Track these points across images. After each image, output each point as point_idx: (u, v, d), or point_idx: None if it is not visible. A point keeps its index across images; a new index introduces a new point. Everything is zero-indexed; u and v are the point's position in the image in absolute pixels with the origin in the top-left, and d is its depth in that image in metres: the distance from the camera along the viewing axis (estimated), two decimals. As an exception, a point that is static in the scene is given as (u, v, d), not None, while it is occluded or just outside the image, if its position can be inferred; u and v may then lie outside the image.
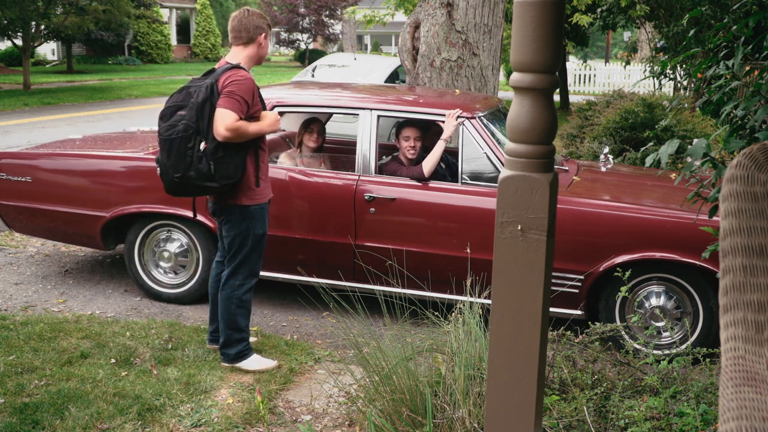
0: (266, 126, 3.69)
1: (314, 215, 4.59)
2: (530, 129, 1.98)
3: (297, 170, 4.67)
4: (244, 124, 3.56)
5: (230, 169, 3.59)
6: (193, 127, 3.54)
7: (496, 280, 2.09)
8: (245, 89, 3.57)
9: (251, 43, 3.74)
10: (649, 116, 7.90)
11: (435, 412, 2.87)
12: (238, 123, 3.52)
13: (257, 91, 3.69)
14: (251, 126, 3.61)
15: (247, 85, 3.59)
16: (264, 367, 3.89)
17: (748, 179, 1.32)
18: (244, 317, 3.87)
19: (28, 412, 3.34)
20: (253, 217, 3.76)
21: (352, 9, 15.17)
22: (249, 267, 3.84)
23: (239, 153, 3.63)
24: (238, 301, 3.82)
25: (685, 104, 8.66)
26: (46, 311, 4.73)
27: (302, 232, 4.59)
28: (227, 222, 3.77)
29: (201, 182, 3.57)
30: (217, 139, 3.53)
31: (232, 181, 3.61)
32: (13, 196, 5.06)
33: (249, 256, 3.82)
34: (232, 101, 3.51)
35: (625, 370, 3.22)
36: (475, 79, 6.58)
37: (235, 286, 3.82)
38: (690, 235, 3.96)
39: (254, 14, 3.77)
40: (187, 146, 3.54)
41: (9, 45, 26.41)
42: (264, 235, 3.85)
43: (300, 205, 4.61)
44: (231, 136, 3.52)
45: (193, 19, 39.70)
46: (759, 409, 1.16)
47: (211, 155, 3.54)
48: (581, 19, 11.49)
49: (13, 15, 18.63)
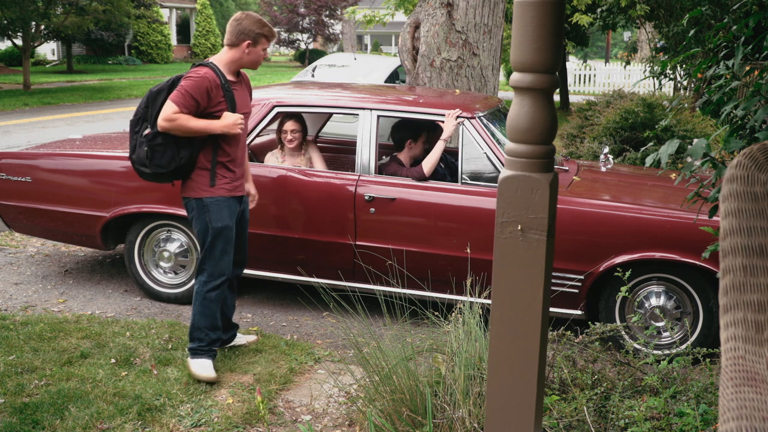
0: (218, 126, 3.64)
1: (314, 215, 4.59)
2: (530, 129, 1.98)
3: (297, 170, 4.67)
4: (183, 117, 3.57)
5: (164, 159, 3.64)
6: (140, 113, 3.75)
7: (496, 280, 2.09)
8: (195, 85, 3.59)
9: (234, 47, 3.72)
10: (649, 116, 7.90)
11: (435, 412, 2.87)
12: (176, 115, 3.56)
13: (217, 90, 3.64)
14: (192, 121, 3.59)
15: (199, 83, 3.59)
16: (202, 375, 3.71)
17: (748, 179, 1.32)
18: (205, 317, 3.78)
19: (28, 412, 3.34)
20: (209, 210, 3.73)
21: (352, 9, 15.17)
22: (213, 263, 3.78)
23: (183, 146, 3.65)
24: (202, 298, 3.78)
25: (685, 104, 8.66)
26: (46, 311, 4.72)
27: (302, 232, 4.59)
28: (191, 217, 3.83)
29: (138, 166, 3.75)
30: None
31: (163, 171, 3.66)
32: (13, 196, 5.06)
33: (210, 251, 3.77)
34: (178, 94, 3.58)
35: (625, 370, 3.22)
36: (475, 79, 6.58)
37: (201, 283, 3.79)
38: (690, 235, 3.96)
39: (248, 19, 3.74)
40: (134, 130, 3.77)
41: (9, 45, 26.42)
42: (223, 229, 3.76)
43: (300, 205, 4.61)
44: (167, 126, 3.58)
45: (193, 19, 39.70)
46: (759, 409, 1.16)
47: (148, 141, 3.65)
48: (581, 19, 11.48)
49: (13, 15, 18.64)
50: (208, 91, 3.61)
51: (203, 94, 3.60)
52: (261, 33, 3.73)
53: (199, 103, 3.61)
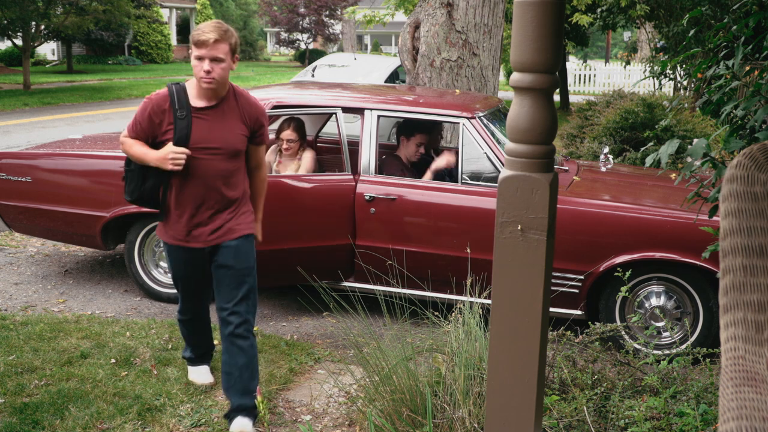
0: (152, 157, 3.15)
1: (314, 215, 4.58)
2: (530, 129, 1.98)
3: (294, 175, 4.68)
4: (129, 142, 3.23)
5: (130, 186, 3.28)
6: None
7: (496, 280, 2.09)
8: (139, 109, 3.23)
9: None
10: (649, 116, 7.90)
11: (435, 412, 2.87)
12: (123, 138, 3.25)
13: (163, 115, 3.16)
14: (134, 147, 3.20)
15: (143, 106, 3.22)
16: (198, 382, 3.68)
17: (748, 179, 1.32)
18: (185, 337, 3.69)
19: (28, 412, 3.34)
20: (165, 252, 3.41)
21: (352, 9, 15.17)
22: (179, 299, 3.54)
23: (149, 176, 3.23)
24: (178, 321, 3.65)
25: (685, 104, 8.66)
26: (46, 311, 4.72)
27: (302, 232, 4.58)
28: None
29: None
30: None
31: (129, 198, 3.30)
32: (13, 196, 5.06)
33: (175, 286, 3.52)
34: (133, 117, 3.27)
35: (625, 370, 3.22)
36: (475, 79, 6.58)
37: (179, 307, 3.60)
38: (690, 235, 3.96)
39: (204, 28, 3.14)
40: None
41: (9, 45, 26.42)
42: (177, 280, 3.43)
43: (300, 206, 4.60)
44: (121, 150, 3.31)
45: (193, 19, 39.71)
46: (759, 409, 1.16)
47: (125, 165, 3.33)
48: (581, 19, 11.49)
49: (13, 15, 18.64)
50: (150, 116, 3.18)
51: (145, 119, 3.19)
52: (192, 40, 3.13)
53: (145, 129, 3.20)
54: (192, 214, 3.21)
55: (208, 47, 3.04)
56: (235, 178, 3.26)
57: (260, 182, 3.46)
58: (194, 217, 3.22)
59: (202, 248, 3.26)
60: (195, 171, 3.16)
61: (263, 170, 3.46)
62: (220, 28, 3.09)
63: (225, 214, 3.24)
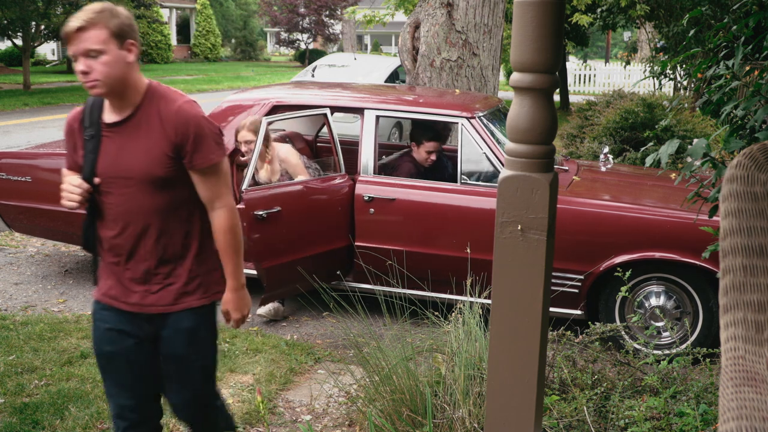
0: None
1: (314, 215, 4.58)
2: (530, 129, 1.98)
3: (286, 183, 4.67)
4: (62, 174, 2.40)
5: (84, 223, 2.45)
6: None
7: (496, 280, 2.09)
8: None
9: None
10: (649, 116, 7.91)
11: (435, 412, 2.87)
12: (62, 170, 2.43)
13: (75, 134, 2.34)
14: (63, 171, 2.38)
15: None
16: None
17: (748, 179, 1.32)
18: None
19: (28, 412, 3.34)
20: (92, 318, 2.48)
21: (352, 9, 15.16)
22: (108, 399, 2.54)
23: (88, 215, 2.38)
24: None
25: (685, 104, 8.66)
26: (46, 311, 4.72)
27: (302, 232, 4.58)
28: None
29: None
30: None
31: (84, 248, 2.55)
32: (13, 196, 5.05)
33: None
34: None
35: (625, 370, 3.22)
36: (475, 79, 6.58)
37: None
38: (690, 235, 3.96)
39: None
40: None
41: (9, 45, 26.40)
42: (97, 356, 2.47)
43: (300, 207, 4.60)
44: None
45: (193, 19, 39.70)
46: (759, 409, 1.16)
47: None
48: (581, 19, 11.48)
49: (13, 15, 18.64)
50: (66, 139, 2.39)
51: (67, 140, 2.40)
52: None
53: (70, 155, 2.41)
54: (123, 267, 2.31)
55: (75, 40, 2.10)
56: (176, 218, 2.27)
57: (220, 231, 2.29)
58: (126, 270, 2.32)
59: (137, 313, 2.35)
60: (112, 209, 2.27)
61: (223, 212, 2.28)
62: (91, 10, 2.11)
63: (171, 270, 2.29)
